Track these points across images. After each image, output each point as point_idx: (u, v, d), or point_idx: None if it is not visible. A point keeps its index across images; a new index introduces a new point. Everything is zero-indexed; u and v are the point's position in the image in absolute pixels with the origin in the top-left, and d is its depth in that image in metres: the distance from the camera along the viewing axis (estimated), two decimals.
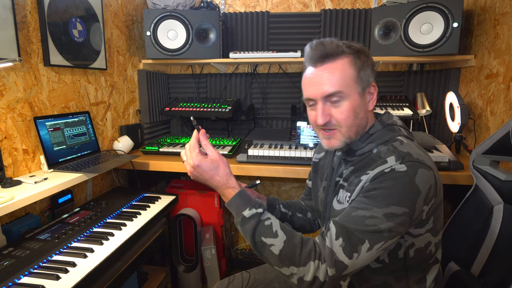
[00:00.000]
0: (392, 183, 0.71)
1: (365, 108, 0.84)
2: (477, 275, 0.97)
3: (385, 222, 0.70)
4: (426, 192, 0.72)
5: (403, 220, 0.71)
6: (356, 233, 0.70)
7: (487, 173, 1.04)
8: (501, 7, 1.45)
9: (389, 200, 0.71)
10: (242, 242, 2.38)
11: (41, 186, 1.09)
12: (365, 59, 0.82)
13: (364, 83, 0.82)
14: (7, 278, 0.87)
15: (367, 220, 0.70)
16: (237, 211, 0.79)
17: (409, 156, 0.75)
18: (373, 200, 0.72)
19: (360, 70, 0.81)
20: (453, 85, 1.79)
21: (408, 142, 0.81)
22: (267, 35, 2.02)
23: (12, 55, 1.10)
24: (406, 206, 0.70)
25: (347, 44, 0.82)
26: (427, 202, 0.74)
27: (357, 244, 0.70)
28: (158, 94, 2.06)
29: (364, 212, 0.71)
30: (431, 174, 0.74)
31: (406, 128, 0.88)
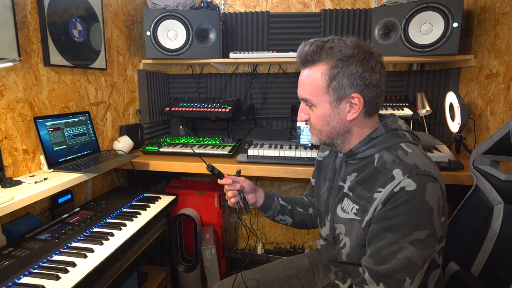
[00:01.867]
0: (406, 207, 0.71)
1: (340, 118, 0.82)
2: (477, 275, 0.97)
3: (414, 251, 0.70)
4: (437, 206, 0.72)
5: (429, 242, 0.71)
6: (394, 274, 0.71)
7: (487, 173, 1.03)
8: (501, 7, 1.45)
9: (410, 226, 0.70)
10: (242, 242, 2.39)
11: (41, 186, 1.09)
12: (345, 68, 0.77)
13: (337, 94, 0.80)
14: (7, 278, 0.87)
15: (398, 254, 0.71)
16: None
17: (416, 168, 0.73)
18: (394, 231, 0.72)
19: (332, 80, 0.79)
20: (453, 85, 1.80)
21: (413, 150, 0.79)
22: (267, 35, 2.02)
23: (12, 55, 1.10)
24: (426, 227, 0.70)
25: (335, 49, 0.78)
26: (442, 214, 0.74)
27: (399, 284, 0.71)
28: (158, 94, 2.06)
29: (392, 248, 0.71)
30: (437, 186, 0.73)
31: (411, 132, 0.86)
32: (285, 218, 1.11)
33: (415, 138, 0.85)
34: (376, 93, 0.81)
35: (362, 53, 0.79)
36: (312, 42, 0.82)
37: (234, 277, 1.12)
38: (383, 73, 0.81)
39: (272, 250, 2.28)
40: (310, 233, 2.30)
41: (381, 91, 0.82)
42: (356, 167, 0.85)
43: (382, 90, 0.82)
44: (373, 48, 0.81)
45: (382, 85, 0.81)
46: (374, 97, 0.81)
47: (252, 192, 1.06)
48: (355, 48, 0.79)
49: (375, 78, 0.79)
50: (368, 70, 0.78)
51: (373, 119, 0.86)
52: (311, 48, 0.80)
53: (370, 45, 0.82)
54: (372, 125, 0.85)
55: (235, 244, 2.39)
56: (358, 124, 0.84)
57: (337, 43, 0.80)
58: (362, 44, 0.80)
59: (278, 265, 1.17)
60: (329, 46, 0.79)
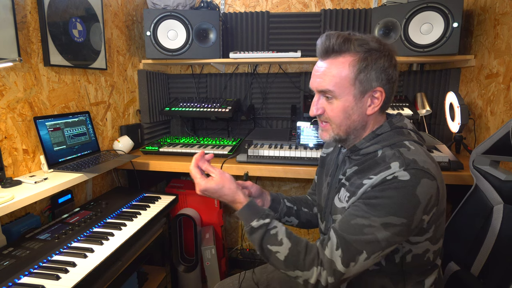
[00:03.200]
0: (393, 193, 0.71)
1: (362, 112, 0.81)
2: (477, 275, 0.97)
3: (382, 231, 0.71)
4: (426, 203, 0.72)
5: (401, 230, 0.71)
6: (354, 244, 0.72)
7: (487, 173, 1.03)
8: (501, 7, 1.45)
9: (388, 210, 0.71)
10: (242, 242, 2.38)
11: (41, 186, 1.09)
12: (373, 61, 0.78)
13: (363, 86, 0.79)
14: (7, 278, 0.87)
15: (365, 229, 0.72)
16: (246, 222, 0.83)
17: (414, 163, 0.73)
18: (373, 208, 0.72)
19: (360, 72, 0.78)
20: (453, 85, 1.80)
21: (416, 148, 0.78)
22: (267, 35, 2.02)
23: (12, 55, 1.10)
24: (404, 217, 0.71)
25: (362, 41, 0.78)
26: (427, 212, 0.73)
27: (355, 254, 0.72)
28: (158, 94, 2.06)
29: (363, 221, 0.72)
30: (434, 184, 0.73)
31: (417, 131, 0.86)
32: (291, 220, 1.11)
33: (420, 138, 0.85)
34: (393, 90, 0.83)
35: (387, 49, 0.80)
36: (337, 33, 0.80)
37: (238, 277, 1.12)
38: (398, 71, 0.84)
39: None
40: (310, 233, 2.30)
41: (396, 88, 0.84)
42: (358, 162, 0.85)
43: (397, 87, 0.85)
44: (392, 46, 0.83)
45: (397, 83, 0.84)
46: (391, 93, 0.83)
47: (259, 196, 1.06)
48: (380, 43, 0.80)
49: (395, 75, 0.81)
50: (391, 66, 0.80)
51: (384, 114, 0.87)
52: (338, 39, 0.78)
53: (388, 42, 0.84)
54: (381, 120, 0.86)
55: (235, 244, 2.39)
56: (374, 119, 0.85)
57: (360, 36, 0.80)
58: (383, 41, 0.82)
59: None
60: (355, 38, 0.79)
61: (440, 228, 0.80)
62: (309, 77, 2.00)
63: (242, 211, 0.85)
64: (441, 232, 0.82)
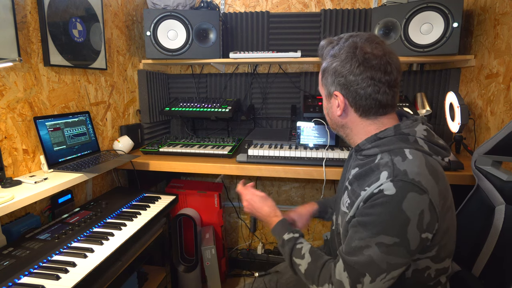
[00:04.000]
0: (380, 209, 0.70)
1: (333, 113, 0.87)
2: (478, 275, 0.97)
3: (377, 252, 0.70)
4: (418, 219, 0.68)
5: (397, 250, 0.69)
6: (356, 266, 0.72)
7: (488, 173, 1.02)
8: (501, 7, 1.45)
9: (378, 228, 0.70)
10: (242, 242, 2.39)
11: (41, 186, 1.09)
12: (329, 66, 0.82)
13: (327, 90, 0.86)
14: (7, 278, 0.87)
15: (363, 250, 0.71)
16: (279, 235, 0.94)
17: (403, 175, 0.70)
18: (365, 227, 0.72)
19: (322, 77, 0.86)
20: (453, 85, 1.80)
21: (415, 158, 0.74)
22: (267, 35, 2.02)
23: (12, 55, 1.10)
24: (396, 235, 0.69)
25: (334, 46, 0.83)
26: (425, 229, 0.70)
27: (359, 277, 0.71)
28: (158, 94, 2.06)
29: (360, 243, 0.72)
30: (424, 198, 0.69)
31: (430, 141, 0.79)
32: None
33: (434, 148, 0.79)
34: (360, 95, 0.79)
35: (346, 53, 0.79)
36: (326, 40, 0.87)
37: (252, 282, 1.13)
38: (370, 76, 0.77)
39: (272, 250, 2.28)
40: (310, 233, 2.30)
41: (369, 94, 0.78)
42: (360, 163, 0.85)
43: (369, 93, 0.78)
44: (371, 51, 0.77)
45: (370, 89, 0.78)
46: (359, 99, 0.79)
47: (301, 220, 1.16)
48: (347, 48, 0.79)
49: (353, 80, 0.78)
50: (344, 71, 0.79)
51: (377, 120, 0.83)
52: (320, 44, 0.88)
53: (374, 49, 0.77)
54: (375, 126, 0.83)
55: (235, 244, 2.39)
56: (354, 122, 0.85)
57: (341, 41, 0.83)
58: (360, 46, 0.78)
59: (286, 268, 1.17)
60: (332, 45, 0.84)
61: (446, 248, 0.76)
62: (309, 77, 2.01)
63: (276, 226, 0.97)
64: (448, 252, 0.78)
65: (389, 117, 0.83)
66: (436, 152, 0.79)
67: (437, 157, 0.79)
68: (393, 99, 0.81)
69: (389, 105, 0.81)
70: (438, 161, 0.79)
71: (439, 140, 0.81)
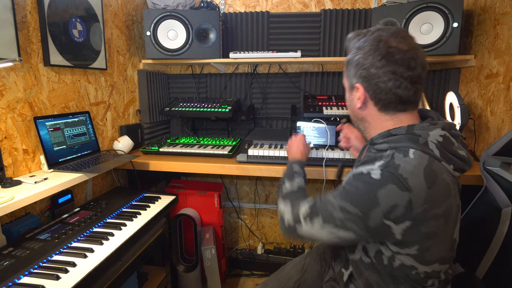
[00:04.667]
0: (360, 185, 0.76)
1: (353, 105, 0.88)
2: (482, 277, 0.96)
3: (338, 212, 0.77)
4: (388, 209, 0.71)
5: (355, 220, 0.75)
6: (318, 208, 0.82)
7: (497, 175, 1.00)
8: (501, 7, 1.45)
9: (349, 197, 0.77)
10: (242, 242, 2.39)
11: (41, 186, 1.09)
12: (353, 58, 0.84)
13: (349, 82, 0.88)
14: (7, 278, 0.87)
15: (328, 203, 0.80)
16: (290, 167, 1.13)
17: (394, 168, 0.72)
18: (341, 191, 0.79)
19: (346, 68, 0.88)
20: (453, 85, 1.80)
21: (416, 158, 0.74)
22: (267, 35, 2.02)
23: (12, 55, 1.10)
24: (359, 209, 0.74)
25: (359, 42, 0.83)
26: (391, 219, 0.72)
27: (314, 216, 0.81)
28: (158, 94, 2.06)
29: (331, 197, 0.80)
30: (403, 195, 0.70)
31: (444, 148, 0.77)
32: None
33: (447, 156, 0.76)
34: (380, 89, 0.80)
35: (370, 45, 0.80)
36: (353, 33, 0.88)
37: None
38: (391, 70, 0.77)
39: (272, 250, 2.28)
40: None
41: (389, 88, 0.79)
42: (371, 155, 0.84)
43: (390, 87, 0.79)
44: (395, 45, 0.77)
45: (391, 83, 0.78)
46: (379, 92, 0.81)
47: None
48: (371, 41, 0.80)
49: (374, 73, 0.79)
50: (366, 63, 0.80)
51: (395, 116, 0.83)
52: (348, 37, 0.89)
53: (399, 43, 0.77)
54: (392, 122, 0.83)
55: (235, 244, 2.39)
56: (373, 116, 0.86)
57: (368, 34, 0.83)
58: (385, 40, 0.78)
59: (291, 272, 1.18)
60: (359, 37, 0.84)
61: (432, 253, 0.77)
62: (309, 77, 2.01)
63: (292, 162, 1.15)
64: (437, 257, 0.78)
65: (408, 114, 0.83)
66: (449, 160, 0.77)
67: (448, 165, 0.76)
68: (414, 96, 0.81)
69: (410, 101, 0.81)
70: (447, 169, 0.76)
71: (459, 151, 0.79)
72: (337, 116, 1.74)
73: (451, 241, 0.80)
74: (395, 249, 0.78)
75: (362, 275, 0.87)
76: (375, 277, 0.84)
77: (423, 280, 0.79)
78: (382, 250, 0.80)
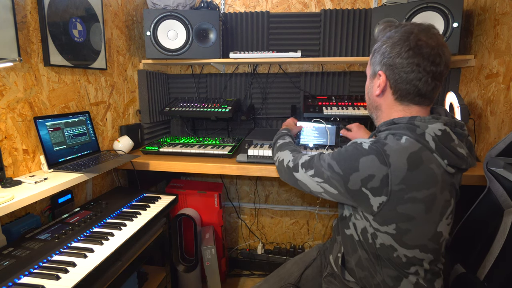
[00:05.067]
0: (349, 148, 0.85)
1: (372, 92, 0.93)
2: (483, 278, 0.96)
3: (326, 168, 0.88)
4: (365, 176, 0.78)
5: (337, 179, 0.84)
6: (314, 161, 0.93)
7: (499, 175, 1.00)
8: (501, 7, 1.45)
9: (337, 156, 0.86)
10: (242, 242, 2.39)
11: (41, 186, 1.09)
12: (380, 47, 0.87)
13: (373, 69, 0.91)
14: (7, 278, 0.87)
15: (322, 160, 0.91)
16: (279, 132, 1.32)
17: (381, 144, 0.79)
18: (334, 152, 0.89)
19: (372, 57, 0.91)
20: (453, 85, 1.80)
21: (406, 142, 0.78)
22: (267, 35, 2.02)
23: (12, 55, 1.10)
24: (342, 170, 0.83)
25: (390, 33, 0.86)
26: (368, 188, 0.79)
27: (308, 167, 0.94)
28: (158, 94, 2.06)
29: (326, 156, 0.90)
30: (382, 168, 0.77)
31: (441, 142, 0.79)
32: None
33: (442, 150, 0.78)
34: (402, 78, 0.83)
35: (399, 37, 0.83)
36: (384, 24, 0.92)
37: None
38: (416, 63, 0.80)
39: (272, 250, 2.28)
40: (310, 233, 2.30)
41: (410, 79, 0.82)
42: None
43: (411, 79, 0.82)
44: (425, 40, 0.80)
45: (413, 75, 0.81)
46: (399, 82, 0.84)
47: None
48: (402, 32, 0.83)
49: (399, 62, 0.82)
50: (393, 52, 0.83)
51: (408, 108, 0.87)
52: (379, 28, 0.92)
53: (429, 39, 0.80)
54: (403, 113, 0.87)
55: (235, 244, 2.39)
56: (388, 105, 0.90)
57: (400, 26, 0.86)
58: (416, 33, 0.81)
59: (292, 268, 1.20)
60: (390, 28, 0.88)
61: (411, 236, 0.80)
62: (309, 77, 2.01)
63: (283, 130, 1.33)
64: (416, 243, 0.80)
65: (421, 108, 0.87)
66: (444, 154, 0.79)
67: (441, 159, 0.78)
68: (432, 91, 0.84)
69: (427, 96, 0.85)
70: (439, 162, 0.78)
71: (458, 148, 0.81)
72: (337, 116, 1.74)
73: (434, 232, 0.81)
74: (376, 225, 0.83)
75: (354, 253, 0.93)
76: (364, 255, 0.90)
77: (405, 265, 0.83)
78: (366, 227, 0.86)
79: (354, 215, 0.91)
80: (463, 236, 1.10)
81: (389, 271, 0.86)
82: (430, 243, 0.82)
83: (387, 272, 0.86)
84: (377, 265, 0.87)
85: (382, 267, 0.86)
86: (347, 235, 0.96)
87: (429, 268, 0.85)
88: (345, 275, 0.99)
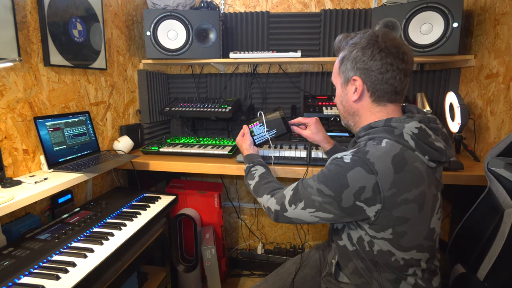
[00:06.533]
0: (333, 168, 0.83)
1: (348, 99, 0.93)
2: (483, 279, 0.96)
3: (316, 195, 0.85)
4: (357, 190, 0.78)
5: (330, 201, 0.82)
6: (300, 192, 0.90)
7: (500, 175, 1.00)
8: (501, 7, 1.45)
9: (324, 179, 0.84)
10: (242, 242, 2.39)
11: (41, 186, 1.09)
12: (349, 53, 0.89)
13: (344, 76, 0.92)
14: (7, 278, 0.87)
15: (308, 187, 0.88)
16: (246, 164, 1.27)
17: (363, 154, 0.79)
18: (319, 174, 0.87)
19: (341, 64, 0.92)
20: (453, 85, 1.80)
21: (387, 146, 0.79)
22: (267, 35, 2.02)
23: (12, 55, 1.10)
24: (332, 191, 0.81)
25: (353, 38, 0.90)
26: (362, 201, 0.78)
27: (296, 200, 0.90)
28: (158, 94, 2.06)
29: (311, 182, 0.88)
30: (370, 178, 0.77)
31: (420, 139, 0.81)
32: None
33: (422, 147, 0.80)
34: (378, 80, 0.86)
35: (367, 41, 0.86)
36: (343, 35, 0.96)
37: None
38: (389, 62, 0.84)
39: (272, 250, 2.28)
40: (310, 233, 2.30)
41: (387, 79, 0.85)
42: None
43: (387, 78, 0.85)
44: (390, 41, 0.85)
45: (388, 74, 0.85)
46: (376, 83, 0.86)
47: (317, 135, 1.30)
48: (368, 37, 0.87)
49: (375, 65, 0.85)
50: (366, 56, 0.86)
51: (385, 108, 0.89)
52: (339, 39, 0.95)
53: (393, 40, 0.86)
54: (381, 114, 0.89)
55: (235, 244, 2.39)
56: (365, 108, 0.91)
57: (360, 33, 0.90)
58: (381, 36, 0.86)
59: (291, 268, 1.21)
60: (350, 37, 0.91)
61: (406, 239, 0.80)
62: (309, 77, 2.01)
63: (246, 156, 1.28)
64: (411, 244, 0.81)
65: (396, 106, 0.90)
66: (424, 151, 0.81)
67: (422, 156, 0.81)
68: (404, 88, 0.89)
69: (401, 93, 0.89)
70: (421, 159, 0.81)
71: (436, 142, 0.83)
72: (337, 116, 1.74)
73: (428, 229, 0.83)
74: (372, 233, 0.83)
75: (349, 262, 0.92)
76: (361, 264, 0.89)
77: (403, 267, 0.84)
78: (362, 236, 0.86)
79: (348, 225, 0.90)
80: (463, 236, 1.09)
81: (388, 275, 0.85)
82: (426, 241, 0.83)
83: (386, 276, 0.86)
84: (375, 271, 0.87)
85: (380, 273, 0.86)
86: (341, 246, 0.95)
87: (426, 267, 0.85)
88: (342, 280, 0.98)
